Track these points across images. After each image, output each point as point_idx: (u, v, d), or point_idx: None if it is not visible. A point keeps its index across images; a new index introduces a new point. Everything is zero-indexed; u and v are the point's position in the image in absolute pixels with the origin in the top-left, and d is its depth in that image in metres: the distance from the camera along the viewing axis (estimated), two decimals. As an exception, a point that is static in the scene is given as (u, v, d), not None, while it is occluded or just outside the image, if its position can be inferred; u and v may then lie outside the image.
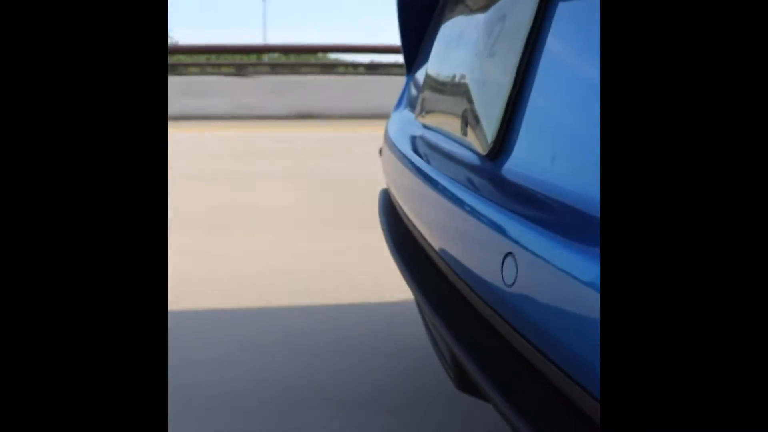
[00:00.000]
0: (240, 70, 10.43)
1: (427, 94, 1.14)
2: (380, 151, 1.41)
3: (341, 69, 15.12)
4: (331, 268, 2.18)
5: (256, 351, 1.57)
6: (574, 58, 0.67)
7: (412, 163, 1.05)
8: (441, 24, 1.20)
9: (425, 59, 1.25)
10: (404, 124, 1.29)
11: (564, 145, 0.63)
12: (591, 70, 0.62)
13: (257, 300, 1.89)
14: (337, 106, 7.96)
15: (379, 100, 7.12)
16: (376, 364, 1.50)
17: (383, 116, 1.83)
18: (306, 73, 11.10)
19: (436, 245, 0.88)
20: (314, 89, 8.35)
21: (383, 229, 1.21)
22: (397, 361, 1.51)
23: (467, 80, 0.92)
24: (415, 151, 1.09)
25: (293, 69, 12.12)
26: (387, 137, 1.35)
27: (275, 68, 12.33)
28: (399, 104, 1.45)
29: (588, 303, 0.49)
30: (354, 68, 14.65)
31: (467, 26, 1.01)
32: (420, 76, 1.28)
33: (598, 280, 0.48)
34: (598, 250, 0.50)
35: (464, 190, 0.78)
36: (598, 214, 0.54)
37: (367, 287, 1.99)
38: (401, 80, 1.53)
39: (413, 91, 1.33)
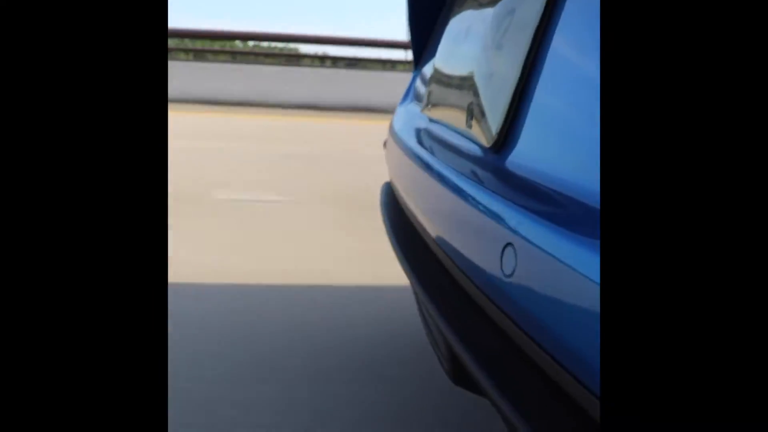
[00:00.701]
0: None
1: (434, 87, 1.14)
2: (384, 144, 1.41)
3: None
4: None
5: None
6: (580, 53, 0.67)
7: (417, 155, 1.05)
8: (449, 19, 1.20)
9: (433, 54, 1.25)
10: (410, 117, 1.29)
11: (567, 139, 0.63)
12: (596, 66, 0.61)
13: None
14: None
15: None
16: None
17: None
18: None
19: (439, 237, 0.88)
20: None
21: (385, 222, 1.21)
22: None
23: (474, 74, 0.91)
24: (420, 143, 1.09)
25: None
26: (392, 130, 1.34)
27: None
28: (405, 98, 1.45)
29: (587, 296, 0.48)
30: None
31: (475, 21, 1.01)
32: (427, 70, 1.27)
33: (597, 273, 0.48)
34: (598, 243, 0.50)
35: (468, 182, 0.78)
36: (599, 207, 0.54)
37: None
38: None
39: (420, 85, 1.33)
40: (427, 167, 0.95)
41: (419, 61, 1.42)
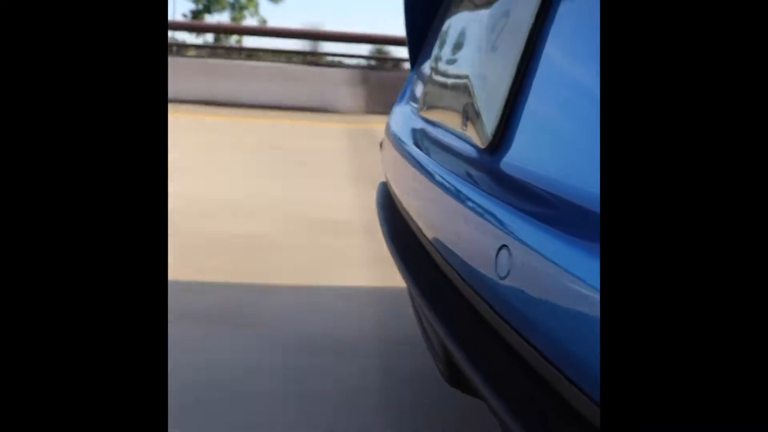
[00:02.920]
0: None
1: (430, 88, 1.14)
2: (381, 145, 1.41)
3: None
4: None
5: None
6: (574, 55, 0.67)
7: (412, 156, 1.04)
8: (445, 20, 1.20)
9: (429, 55, 1.25)
10: (406, 118, 1.29)
11: (562, 140, 0.63)
12: (591, 67, 0.61)
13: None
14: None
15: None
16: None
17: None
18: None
19: (434, 239, 0.88)
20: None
21: (381, 222, 1.21)
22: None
23: (469, 75, 0.91)
24: (416, 144, 1.09)
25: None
26: (388, 131, 1.34)
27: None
28: (401, 99, 1.45)
29: (583, 298, 0.48)
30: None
31: (470, 22, 1.01)
32: (423, 71, 1.27)
33: (592, 275, 0.47)
34: (593, 245, 0.50)
35: (464, 184, 0.78)
36: (594, 208, 0.53)
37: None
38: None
39: (416, 86, 1.32)
40: (422, 169, 0.95)
41: (415, 61, 1.42)
